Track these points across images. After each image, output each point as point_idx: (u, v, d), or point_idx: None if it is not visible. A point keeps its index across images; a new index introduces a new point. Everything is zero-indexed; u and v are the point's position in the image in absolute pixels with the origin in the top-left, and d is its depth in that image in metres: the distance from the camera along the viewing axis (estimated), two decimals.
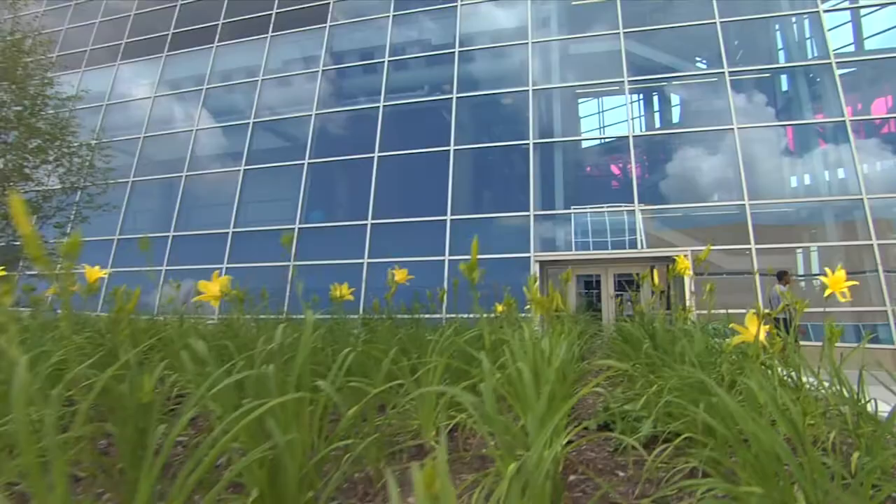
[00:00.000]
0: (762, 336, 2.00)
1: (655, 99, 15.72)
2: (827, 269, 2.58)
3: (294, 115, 17.43)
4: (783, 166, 13.48)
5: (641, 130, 16.78)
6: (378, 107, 16.06)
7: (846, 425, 1.93)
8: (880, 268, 11.81)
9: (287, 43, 18.48)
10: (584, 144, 14.89)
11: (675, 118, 15.38)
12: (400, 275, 3.53)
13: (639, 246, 12.68)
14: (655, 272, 4.42)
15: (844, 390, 2.03)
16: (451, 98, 15.30)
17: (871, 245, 12.03)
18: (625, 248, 12.86)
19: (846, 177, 12.97)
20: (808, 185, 13.62)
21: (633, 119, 14.32)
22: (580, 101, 17.42)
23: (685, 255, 12.16)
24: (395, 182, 15.56)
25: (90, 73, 20.10)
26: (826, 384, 2.15)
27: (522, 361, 1.62)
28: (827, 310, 2.70)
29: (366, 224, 14.93)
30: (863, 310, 11.99)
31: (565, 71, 15.38)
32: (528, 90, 14.61)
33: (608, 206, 13.33)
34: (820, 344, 2.29)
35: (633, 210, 12.92)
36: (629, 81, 14.15)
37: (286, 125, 17.83)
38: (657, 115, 15.81)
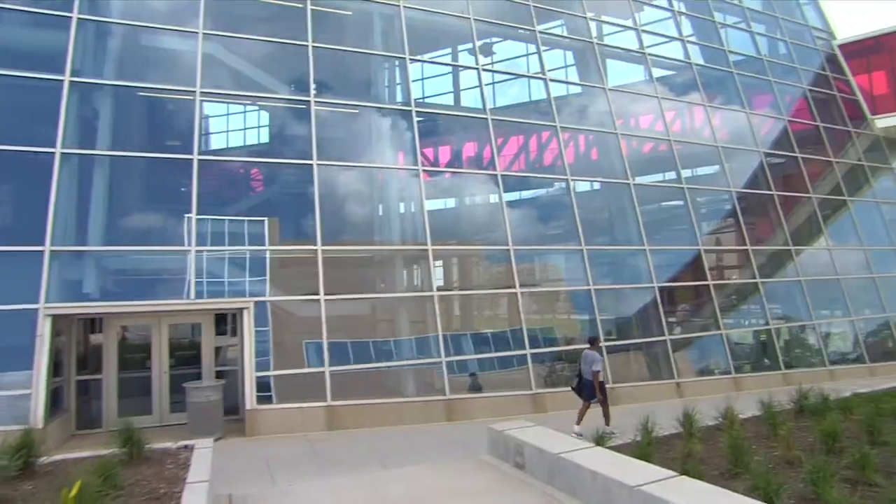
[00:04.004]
0: None
1: (239, 117, 13.92)
2: None
3: None
4: (361, 208, 13.23)
5: (239, 145, 14.95)
6: None
7: None
8: (438, 316, 12.39)
9: None
10: (143, 162, 11.89)
11: (258, 141, 13.86)
12: None
13: (190, 295, 10.49)
14: None
15: None
16: None
17: (432, 296, 12.56)
18: (177, 298, 10.52)
19: (416, 217, 13.43)
20: (384, 228, 13.72)
21: (202, 136, 12.20)
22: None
23: (246, 308, 9.32)
24: None
25: None
26: None
27: None
28: None
29: None
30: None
31: (128, 65, 12.23)
32: (63, 80, 10.93)
33: (158, 245, 10.85)
34: None
35: (188, 250, 10.70)
36: (202, 92, 11.89)
37: None
38: (238, 136, 14.05)
